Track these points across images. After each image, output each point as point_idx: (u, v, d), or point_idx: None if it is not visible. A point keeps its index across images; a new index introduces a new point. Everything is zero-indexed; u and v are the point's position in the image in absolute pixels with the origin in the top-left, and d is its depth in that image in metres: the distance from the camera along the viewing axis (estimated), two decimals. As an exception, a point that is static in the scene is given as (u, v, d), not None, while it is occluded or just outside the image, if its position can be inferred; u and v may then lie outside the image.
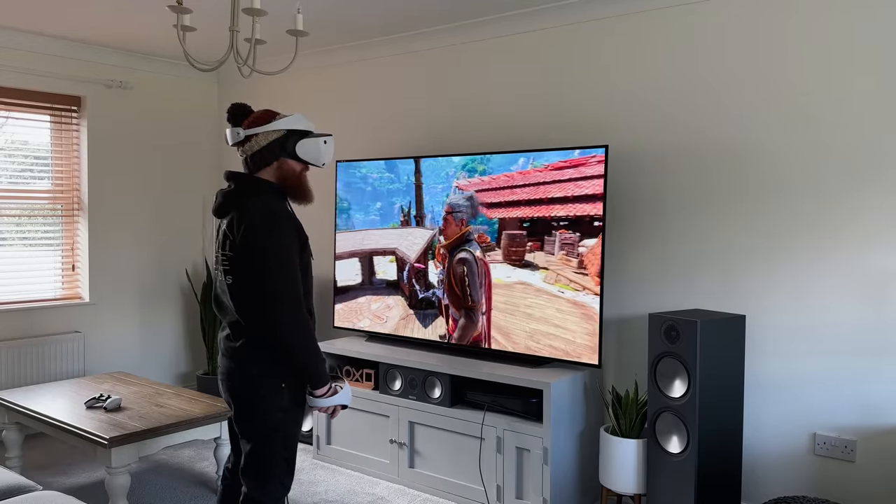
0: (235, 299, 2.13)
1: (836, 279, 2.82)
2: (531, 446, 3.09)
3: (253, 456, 2.15)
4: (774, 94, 2.95)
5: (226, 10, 3.66)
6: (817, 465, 2.87)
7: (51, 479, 3.60)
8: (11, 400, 3.40)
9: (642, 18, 3.29)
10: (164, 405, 3.32)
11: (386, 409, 3.59)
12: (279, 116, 2.22)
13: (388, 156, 4.24)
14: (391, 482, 3.58)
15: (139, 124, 4.80)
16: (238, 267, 2.11)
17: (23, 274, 4.35)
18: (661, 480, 2.85)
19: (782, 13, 2.92)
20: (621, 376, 3.39)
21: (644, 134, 3.29)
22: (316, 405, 2.18)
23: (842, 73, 2.79)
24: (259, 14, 2.47)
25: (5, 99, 4.19)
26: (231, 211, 2.17)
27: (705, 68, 3.12)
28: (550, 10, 3.50)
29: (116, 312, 4.71)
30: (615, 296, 3.40)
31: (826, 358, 2.85)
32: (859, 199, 2.77)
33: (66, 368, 4.39)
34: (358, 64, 4.40)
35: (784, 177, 2.93)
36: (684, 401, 2.75)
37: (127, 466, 2.91)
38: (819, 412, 2.86)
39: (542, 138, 3.61)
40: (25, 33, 4.14)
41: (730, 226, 3.07)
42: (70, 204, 4.54)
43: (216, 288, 2.27)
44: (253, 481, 2.15)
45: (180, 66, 4.96)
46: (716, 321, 2.76)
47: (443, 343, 3.63)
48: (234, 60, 3.46)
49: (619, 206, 3.38)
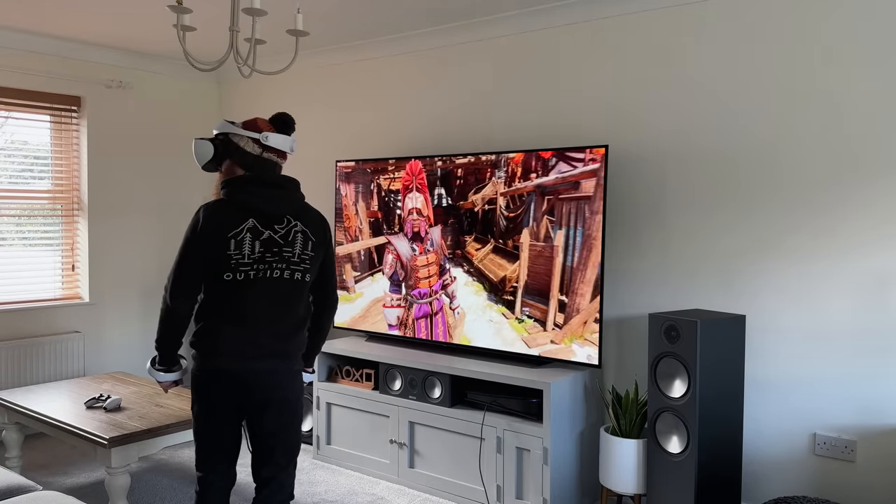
0: (304, 292, 2.34)
1: (836, 279, 2.82)
2: (531, 446, 3.09)
3: (292, 445, 2.36)
4: (774, 94, 2.95)
5: (226, 10, 3.66)
6: (817, 466, 2.87)
7: (51, 479, 3.60)
8: (11, 400, 3.39)
9: (642, 19, 3.28)
10: (164, 405, 3.32)
11: (386, 409, 3.59)
12: None
13: (389, 156, 4.24)
14: (391, 482, 3.58)
15: (139, 124, 4.80)
16: (315, 264, 2.36)
17: (23, 274, 4.35)
18: (661, 480, 2.85)
19: (782, 13, 2.92)
20: (621, 376, 3.39)
21: (644, 134, 3.29)
22: (307, 381, 2.57)
23: (842, 73, 2.79)
24: (259, 14, 2.47)
25: (5, 99, 4.19)
26: (301, 212, 2.35)
27: (705, 69, 3.12)
28: (551, 11, 3.50)
29: (116, 312, 4.71)
30: (615, 296, 3.40)
31: (826, 358, 2.85)
32: (859, 198, 2.77)
33: (66, 368, 4.39)
34: (358, 64, 4.40)
35: (784, 177, 2.93)
36: (684, 401, 2.75)
37: (127, 466, 2.91)
38: (819, 412, 2.86)
39: (543, 138, 3.60)
40: (25, 33, 4.14)
41: (730, 226, 3.07)
42: (70, 204, 4.54)
43: (258, 287, 2.23)
44: (285, 469, 2.36)
45: (180, 66, 4.96)
46: (716, 321, 2.76)
47: (443, 343, 3.63)
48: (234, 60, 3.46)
49: (619, 206, 3.38)
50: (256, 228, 2.25)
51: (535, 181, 3.29)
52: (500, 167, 3.40)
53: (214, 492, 2.35)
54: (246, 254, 2.23)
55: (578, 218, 3.17)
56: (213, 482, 2.34)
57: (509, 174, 3.38)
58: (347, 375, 3.81)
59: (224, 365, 2.23)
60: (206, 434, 2.30)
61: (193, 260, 2.25)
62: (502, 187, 3.40)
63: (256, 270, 2.24)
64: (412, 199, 3.74)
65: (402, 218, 3.77)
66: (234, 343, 2.22)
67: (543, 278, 3.26)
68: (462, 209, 3.56)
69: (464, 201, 3.55)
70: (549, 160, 3.25)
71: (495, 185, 3.42)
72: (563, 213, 3.21)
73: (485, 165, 3.46)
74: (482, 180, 3.48)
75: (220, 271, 2.23)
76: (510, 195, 3.38)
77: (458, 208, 3.57)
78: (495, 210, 3.43)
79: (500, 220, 3.41)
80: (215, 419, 2.27)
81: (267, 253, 2.25)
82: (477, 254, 3.49)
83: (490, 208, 3.45)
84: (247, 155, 2.32)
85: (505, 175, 3.40)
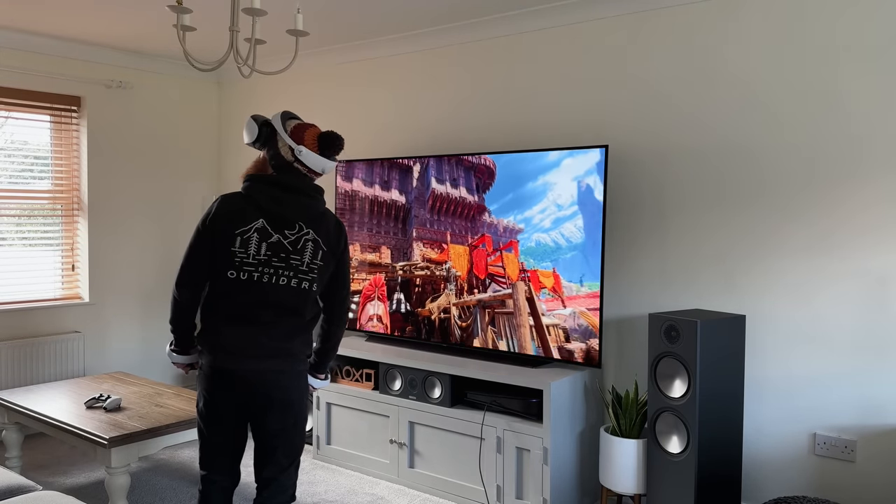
0: (310, 300, 2.30)
1: (836, 279, 2.82)
2: (531, 446, 3.09)
3: (294, 446, 2.34)
4: (774, 94, 2.95)
5: (226, 10, 3.66)
6: (817, 465, 2.87)
7: (51, 479, 3.60)
8: (11, 400, 3.40)
9: (642, 19, 3.28)
10: (164, 405, 3.32)
11: (386, 409, 3.59)
12: None
13: (389, 156, 4.25)
14: (391, 482, 3.58)
15: (139, 124, 4.80)
16: (324, 274, 2.32)
17: (23, 274, 4.35)
18: (661, 480, 2.85)
19: (782, 13, 2.92)
20: (621, 376, 3.39)
21: (644, 134, 3.29)
22: (319, 387, 2.51)
23: (842, 73, 2.79)
24: (259, 14, 2.47)
25: (5, 99, 4.19)
26: (316, 220, 2.31)
27: (705, 68, 3.12)
28: (550, 11, 3.50)
29: (116, 312, 4.71)
30: (615, 296, 3.40)
31: (826, 358, 2.85)
32: (859, 198, 2.77)
33: (66, 368, 4.40)
34: (358, 64, 4.40)
35: (784, 177, 2.93)
36: (684, 401, 2.75)
37: (127, 466, 2.91)
38: (819, 412, 2.86)
39: (542, 138, 3.61)
40: (25, 33, 4.15)
41: (730, 226, 3.07)
42: (70, 204, 4.54)
43: (261, 292, 2.22)
44: (287, 470, 2.33)
45: (180, 66, 4.96)
46: (716, 321, 2.76)
47: (442, 343, 3.63)
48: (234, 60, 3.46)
49: (618, 206, 3.38)
50: (266, 230, 2.23)
51: (476, 296, 3.48)
52: (451, 280, 3.58)
53: (217, 490, 2.35)
54: (251, 253, 2.22)
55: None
56: (215, 481, 2.35)
57: (458, 287, 3.56)
58: (347, 375, 3.81)
59: (225, 364, 2.22)
60: (209, 432, 2.31)
61: (201, 250, 2.26)
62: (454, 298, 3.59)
63: (262, 273, 2.22)
64: (373, 306, 3.90)
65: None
66: (236, 342, 2.22)
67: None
68: (420, 316, 3.72)
69: (421, 308, 3.71)
70: (484, 280, 3.44)
71: (448, 297, 3.62)
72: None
73: (438, 279, 3.62)
74: (437, 290, 3.65)
75: (225, 268, 2.23)
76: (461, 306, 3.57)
77: (416, 314, 3.74)
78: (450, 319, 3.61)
79: (455, 329, 3.59)
80: (217, 417, 2.27)
81: (274, 258, 2.23)
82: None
83: (445, 317, 3.63)
84: (280, 157, 2.30)
85: (455, 288, 3.57)
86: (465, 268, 3.51)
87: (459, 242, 3.54)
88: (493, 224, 3.42)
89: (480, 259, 3.46)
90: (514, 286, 3.35)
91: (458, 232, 3.55)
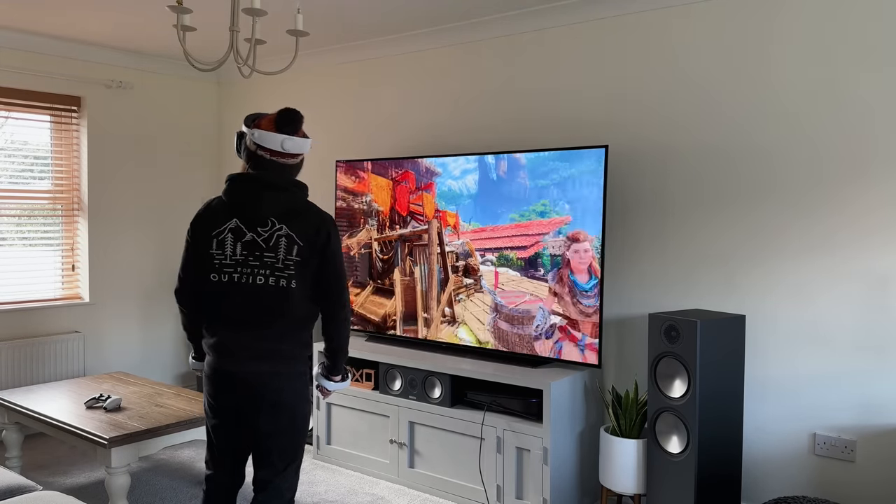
0: (294, 298, 2.20)
1: (836, 279, 2.82)
2: (531, 446, 3.09)
3: (289, 449, 2.27)
4: (774, 94, 2.95)
5: (226, 10, 3.66)
6: (817, 465, 2.87)
7: (51, 479, 3.60)
8: (11, 400, 3.40)
9: (642, 19, 3.28)
10: (164, 405, 3.32)
11: (386, 409, 3.59)
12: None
13: (389, 156, 4.25)
14: (391, 482, 3.58)
15: (139, 124, 4.80)
16: (304, 270, 2.20)
17: (23, 274, 4.35)
18: (661, 480, 2.85)
19: (782, 14, 2.92)
20: (621, 376, 3.40)
21: (644, 134, 3.29)
22: (334, 389, 2.44)
23: (842, 73, 2.79)
24: (259, 14, 2.47)
25: (5, 99, 4.19)
26: (291, 215, 2.21)
27: (706, 69, 3.12)
28: (550, 11, 3.50)
29: (116, 312, 4.71)
30: (615, 296, 3.40)
31: (826, 358, 2.85)
32: (859, 199, 2.77)
33: (66, 368, 4.40)
34: (357, 64, 4.40)
35: (784, 177, 2.93)
36: (684, 401, 2.75)
37: (127, 466, 2.91)
38: (819, 412, 2.86)
39: (542, 138, 3.61)
40: (25, 33, 4.15)
41: (730, 226, 3.07)
42: (70, 204, 4.54)
43: (242, 293, 2.20)
44: (282, 473, 2.28)
45: (180, 66, 4.96)
46: (716, 321, 2.76)
47: (442, 343, 3.63)
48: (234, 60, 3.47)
49: (619, 206, 3.38)
50: (240, 229, 2.20)
51: (398, 231, 3.67)
52: (372, 216, 3.79)
53: (220, 491, 2.36)
54: (228, 254, 2.20)
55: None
56: (218, 481, 2.35)
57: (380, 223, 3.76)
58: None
59: (219, 365, 2.23)
60: (212, 433, 2.32)
61: (188, 256, 2.29)
62: (375, 234, 3.82)
63: (240, 274, 2.19)
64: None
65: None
66: (226, 344, 2.22)
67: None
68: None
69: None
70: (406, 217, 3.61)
71: (369, 232, 3.80)
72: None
73: (358, 213, 3.83)
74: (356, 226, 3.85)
75: (207, 272, 2.23)
76: (382, 241, 3.77)
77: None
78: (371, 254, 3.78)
79: (377, 263, 3.78)
80: (218, 418, 2.28)
81: (250, 257, 2.19)
82: (357, 298, 3.97)
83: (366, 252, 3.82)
84: (248, 152, 2.25)
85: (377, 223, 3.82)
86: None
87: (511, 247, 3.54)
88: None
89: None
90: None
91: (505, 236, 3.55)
